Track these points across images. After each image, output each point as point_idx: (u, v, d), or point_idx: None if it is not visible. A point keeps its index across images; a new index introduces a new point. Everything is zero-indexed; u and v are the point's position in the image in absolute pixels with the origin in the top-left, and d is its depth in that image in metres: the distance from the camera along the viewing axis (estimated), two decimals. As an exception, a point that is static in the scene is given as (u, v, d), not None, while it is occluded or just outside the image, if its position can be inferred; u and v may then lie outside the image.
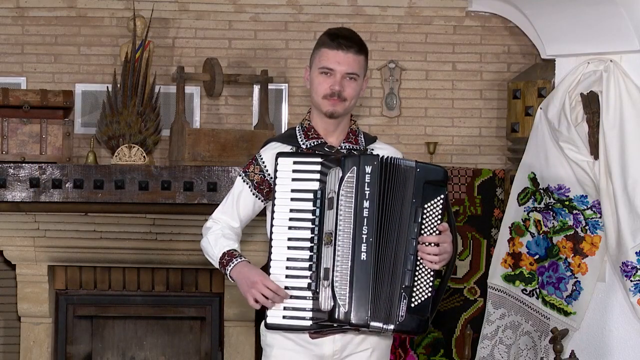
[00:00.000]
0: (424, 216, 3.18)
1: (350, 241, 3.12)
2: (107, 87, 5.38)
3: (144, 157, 5.26)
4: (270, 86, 5.51)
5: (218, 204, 3.48)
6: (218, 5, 5.60)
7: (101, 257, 5.47)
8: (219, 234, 3.36)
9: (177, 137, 5.31)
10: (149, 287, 5.62)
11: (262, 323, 3.31)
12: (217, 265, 3.35)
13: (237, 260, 3.28)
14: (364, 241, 3.12)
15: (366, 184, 3.13)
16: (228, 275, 3.29)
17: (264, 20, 5.61)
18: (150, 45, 5.39)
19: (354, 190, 3.13)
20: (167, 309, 5.69)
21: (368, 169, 3.14)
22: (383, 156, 3.18)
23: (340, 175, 3.14)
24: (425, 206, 3.18)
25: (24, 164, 5.08)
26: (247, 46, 5.60)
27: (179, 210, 5.26)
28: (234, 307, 5.49)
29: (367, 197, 3.13)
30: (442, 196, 3.20)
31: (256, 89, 5.55)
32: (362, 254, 3.11)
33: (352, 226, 3.12)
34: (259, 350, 3.46)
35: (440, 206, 3.20)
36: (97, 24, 5.54)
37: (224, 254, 3.31)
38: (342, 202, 3.13)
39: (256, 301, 3.19)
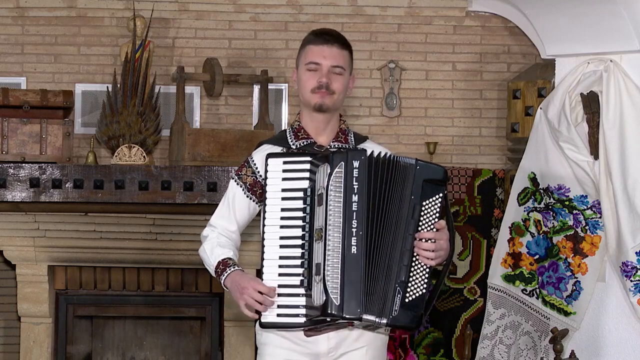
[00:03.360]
0: (422, 213, 3.18)
1: (340, 235, 3.12)
2: (107, 87, 5.38)
3: (144, 157, 5.25)
4: (270, 86, 5.51)
5: (218, 204, 3.48)
6: (218, 5, 5.59)
7: (101, 257, 5.47)
8: (214, 243, 3.37)
9: (177, 137, 5.31)
10: (149, 287, 5.62)
11: (257, 322, 3.32)
12: (214, 275, 3.37)
13: (230, 269, 3.30)
14: (354, 235, 3.12)
15: (354, 178, 3.14)
16: (223, 285, 3.32)
17: (264, 20, 5.61)
18: (150, 45, 5.39)
19: (342, 185, 3.14)
20: (167, 309, 5.69)
21: (356, 164, 3.15)
22: (373, 151, 3.19)
23: (329, 171, 3.16)
24: (424, 203, 3.18)
25: (24, 164, 5.07)
26: (247, 46, 5.60)
27: (179, 210, 5.26)
28: (234, 307, 5.48)
29: (355, 191, 3.13)
30: (441, 195, 3.20)
31: (256, 89, 5.55)
32: (353, 247, 3.12)
33: (341, 220, 3.13)
34: (258, 351, 3.46)
35: (439, 204, 3.20)
36: (97, 24, 5.54)
37: (218, 262, 3.33)
38: (331, 198, 3.14)
39: (248, 307, 3.21)
